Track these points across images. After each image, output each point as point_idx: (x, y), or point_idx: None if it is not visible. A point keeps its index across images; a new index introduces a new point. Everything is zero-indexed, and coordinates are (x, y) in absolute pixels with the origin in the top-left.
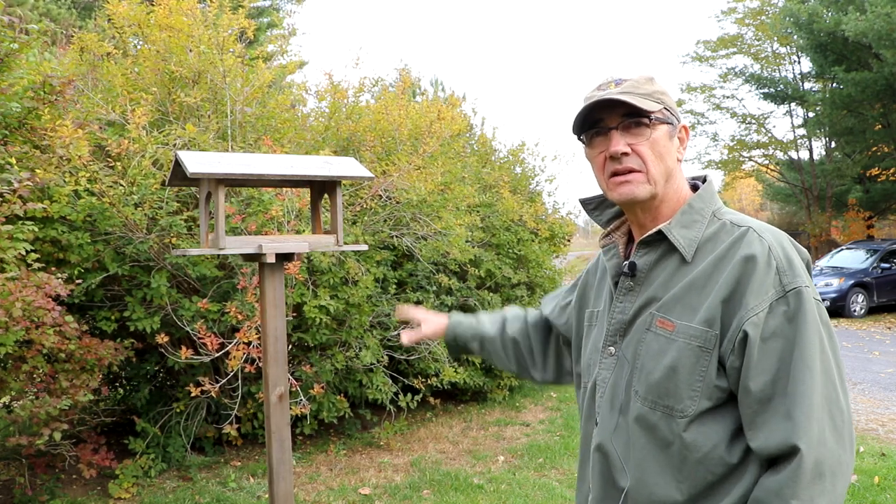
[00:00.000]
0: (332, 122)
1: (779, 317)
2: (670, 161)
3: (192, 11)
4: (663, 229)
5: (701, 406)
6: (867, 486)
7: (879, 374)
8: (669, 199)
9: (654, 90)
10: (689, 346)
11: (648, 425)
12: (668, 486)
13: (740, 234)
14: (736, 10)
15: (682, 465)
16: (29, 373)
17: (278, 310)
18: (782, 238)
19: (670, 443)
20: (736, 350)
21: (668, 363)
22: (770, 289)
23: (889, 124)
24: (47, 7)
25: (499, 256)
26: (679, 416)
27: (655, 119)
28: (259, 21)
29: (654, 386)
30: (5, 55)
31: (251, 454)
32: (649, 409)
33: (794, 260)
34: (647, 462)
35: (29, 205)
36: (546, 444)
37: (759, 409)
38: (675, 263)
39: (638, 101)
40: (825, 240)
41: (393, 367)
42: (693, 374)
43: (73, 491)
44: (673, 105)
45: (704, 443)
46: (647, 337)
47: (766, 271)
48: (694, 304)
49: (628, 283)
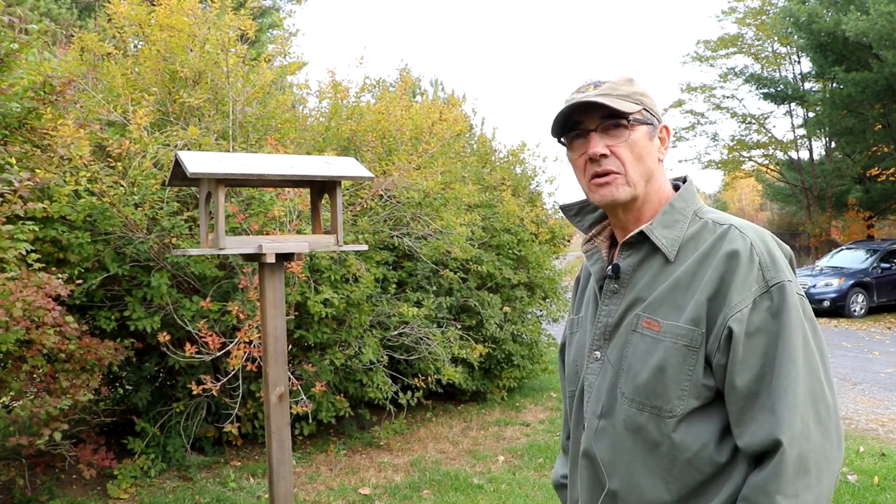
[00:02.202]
0: (332, 122)
1: (763, 312)
2: (650, 162)
3: (194, 11)
4: (645, 230)
5: (689, 405)
6: (867, 486)
7: (879, 374)
8: (651, 199)
9: (633, 91)
10: (675, 346)
11: (636, 427)
12: (657, 487)
13: (723, 232)
14: (736, 10)
15: (672, 466)
16: (29, 373)
17: (278, 309)
18: (764, 234)
19: (659, 444)
20: (722, 347)
21: (656, 363)
22: (753, 284)
23: (889, 124)
24: (47, 7)
25: (499, 257)
26: (668, 417)
27: (634, 120)
28: (260, 21)
29: (641, 387)
30: (5, 55)
31: (251, 454)
32: (637, 410)
33: (776, 255)
34: (636, 464)
35: (29, 205)
36: (546, 444)
37: (745, 405)
38: (658, 264)
39: (615, 103)
40: (825, 240)
41: (392, 367)
42: (681, 373)
43: (72, 491)
44: (653, 105)
45: (693, 442)
46: (633, 338)
47: (748, 267)
48: (679, 303)
49: (613, 285)
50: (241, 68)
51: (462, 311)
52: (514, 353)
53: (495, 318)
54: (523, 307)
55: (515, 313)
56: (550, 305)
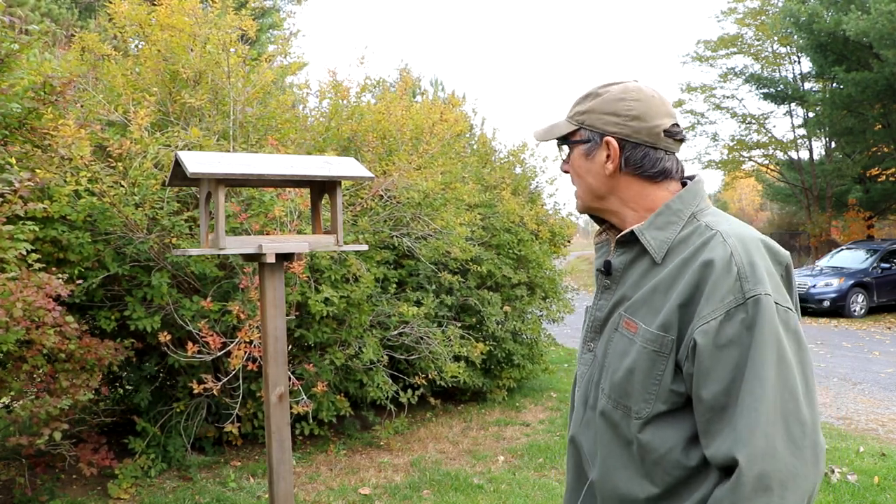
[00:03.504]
0: (332, 122)
1: (736, 324)
2: (591, 179)
3: (194, 11)
4: (635, 230)
5: (656, 409)
6: (867, 486)
7: (879, 374)
8: (626, 208)
9: (579, 110)
10: (645, 350)
11: (612, 423)
12: (631, 481)
13: (707, 238)
14: (736, 10)
15: (642, 464)
16: (29, 373)
17: (278, 309)
18: (749, 243)
19: (630, 441)
20: (689, 357)
21: (628, 365)
22: (729, 295)
23: (889, 124)
24: (48, 7)
25: (499, 256)
26: (635, 418)
27: (572, 143)
28: (260, 22)
29: (616, 385)
30: (6, 55)
31: (251, 454)
32: (612, 407)
33: (757, 266)
34: (612, 457)
35: (29, 205)
36: (546, 444)
37: (711, 417)
38: (646, 264)
39: (545, 132)
40: (825, 240)
41: (393, 367)
42: (648, 377)
43: (72, 491)
44: (597, 122)
45: (660, 445)
46: (615, 336)
47: (724, 277)
48: (657, 306)
49: (605, 281)
50: (241, 68)
51: (462, 311)
52: (515, 353)
53: (496, 316)
54: (523, 307)
55: (515, 313)
56: (551, 305)
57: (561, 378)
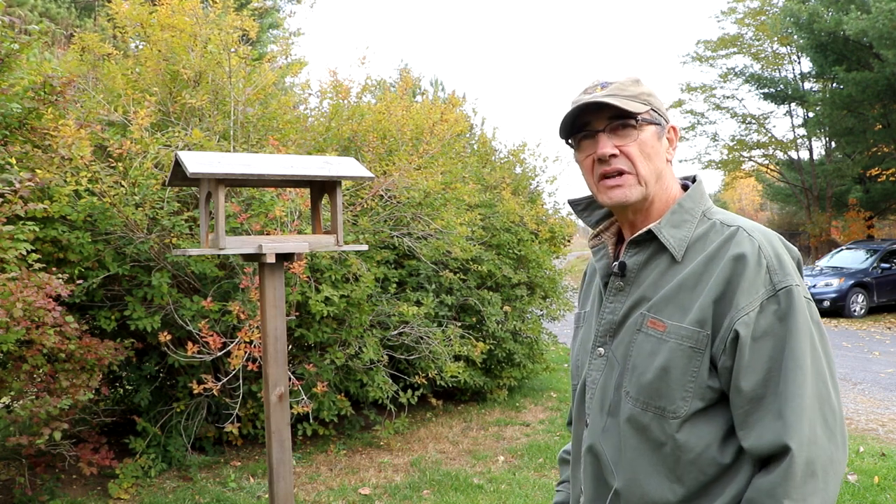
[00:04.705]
0: (333, 122)
1: (770, 316)
2: (659, 161)
3: (195, 11)
4: (653, 229)
5: (693, 407)
6: (867, 486)
7: (879, 374)
8: (660, 199)
9: (641, 92)
10: (680, 347)
11: (640, 426)
12: (661, 486)
13: (730, 234)
14: (736, 10)
15: (675, 466)
16: (29, 372)
17: (278, 309)
18: (772, 237)
19: (662, 444)
20: (727, 350)
21: (660, 364)
22: (761, 288)
23: (889, 124)
24: (47, 7)
25: (499, 256)
26: (671, 417)
27: (642, 120)
28: (261, 22)
29: (645, 387)
30: (6, 56)
31: (251, 454)
32: (641, 409)
33: (784, 259)
34: (640, 463)
35: (30, 205)
36: (546, 444)
37: (750, 408)
38: (665, 263)
39: (623, 104)
40: (825, 240)
41: (393, 367)
42: (685, 374)
43: (72, 491)
44: (660, 106)
45: (697, 443)
46: (638, 338)
47: (756, 270)
48: (685, 304)
49: (618, 283)
50: (242, 69)
51: (462, 310)
52: (515, 353)
53: (496, 315)
54: (523, 306)
55: (515, 312)
56: (551, 305)
57: (561, 378)
